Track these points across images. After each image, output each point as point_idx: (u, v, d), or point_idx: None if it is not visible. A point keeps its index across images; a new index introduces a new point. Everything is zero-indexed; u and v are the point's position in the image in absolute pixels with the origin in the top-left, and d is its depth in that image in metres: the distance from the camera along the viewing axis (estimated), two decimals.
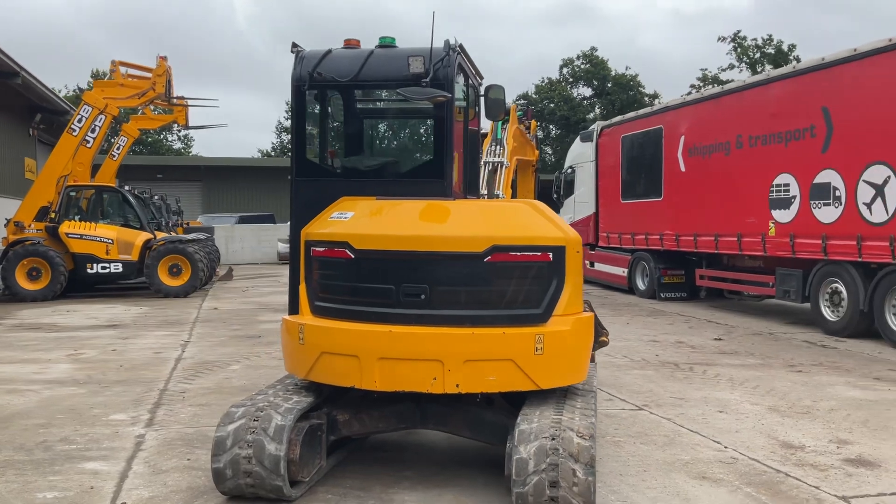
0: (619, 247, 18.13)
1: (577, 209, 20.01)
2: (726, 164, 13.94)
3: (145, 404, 7.01)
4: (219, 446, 4.41)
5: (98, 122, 17.32)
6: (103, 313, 14.17)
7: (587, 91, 53.18)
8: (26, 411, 6.75)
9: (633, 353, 9.84)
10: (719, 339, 11.07)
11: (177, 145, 56.75)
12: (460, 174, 6.00)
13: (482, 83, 6.45)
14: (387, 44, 5.67)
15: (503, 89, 5.97)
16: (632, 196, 17.47)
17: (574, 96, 52.55)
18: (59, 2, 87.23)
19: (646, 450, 5.63)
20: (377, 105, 6.96)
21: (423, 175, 5.75)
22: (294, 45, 5.73)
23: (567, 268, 4.59)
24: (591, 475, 4.01)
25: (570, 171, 20.88)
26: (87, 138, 17.44)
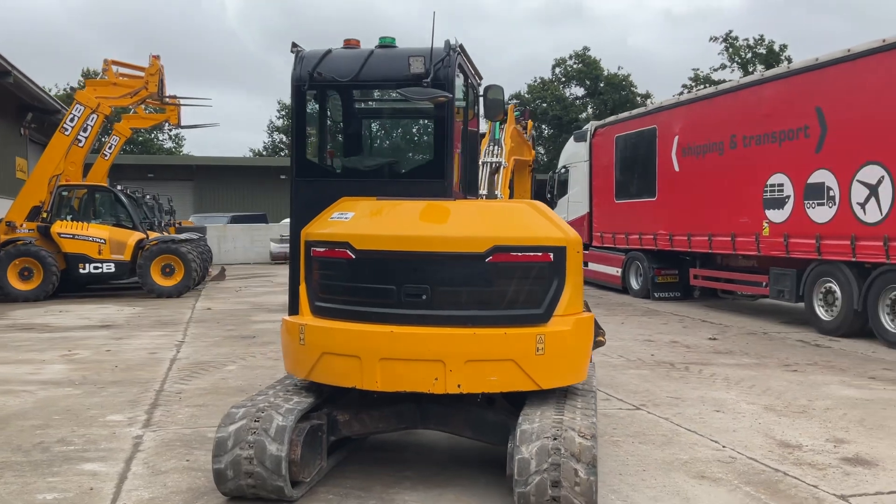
0: (612, 246, 18.16)
1: (570, 209, 20.01)
2: (720, 164, 13.98)
3: (142, 405, 6.99)
4: (220, 447, 4.40)
5: (90, 122, 17.22)
6: (96, 313, 14.10)
7: (579, 91, 53.38)
8: (22, 412, 6.72)
9: (628, 352, 9.87)
10: (714, 339, 11.11)
11: (168, 144, 56.60)
12: (459, 174, 6.01)
13: (481, 83, 6.45)
14: (387, 44, 5.66)
15: (502, 89, 5.97)
16: (626, 196, 17.50)
17: (566, 96, 52.68)
18: (51, 1, 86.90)
19: (644, 449, 5.65)
20: (377, 105, 6.95)
21: (423, 175, 5.75)
22: (294, 45, 5.71)
23: (568, 268, 4.60)
24: (593, 475, 4.02)
25: (563, 170, 20.91)
26: (80, 137, 17.33)
